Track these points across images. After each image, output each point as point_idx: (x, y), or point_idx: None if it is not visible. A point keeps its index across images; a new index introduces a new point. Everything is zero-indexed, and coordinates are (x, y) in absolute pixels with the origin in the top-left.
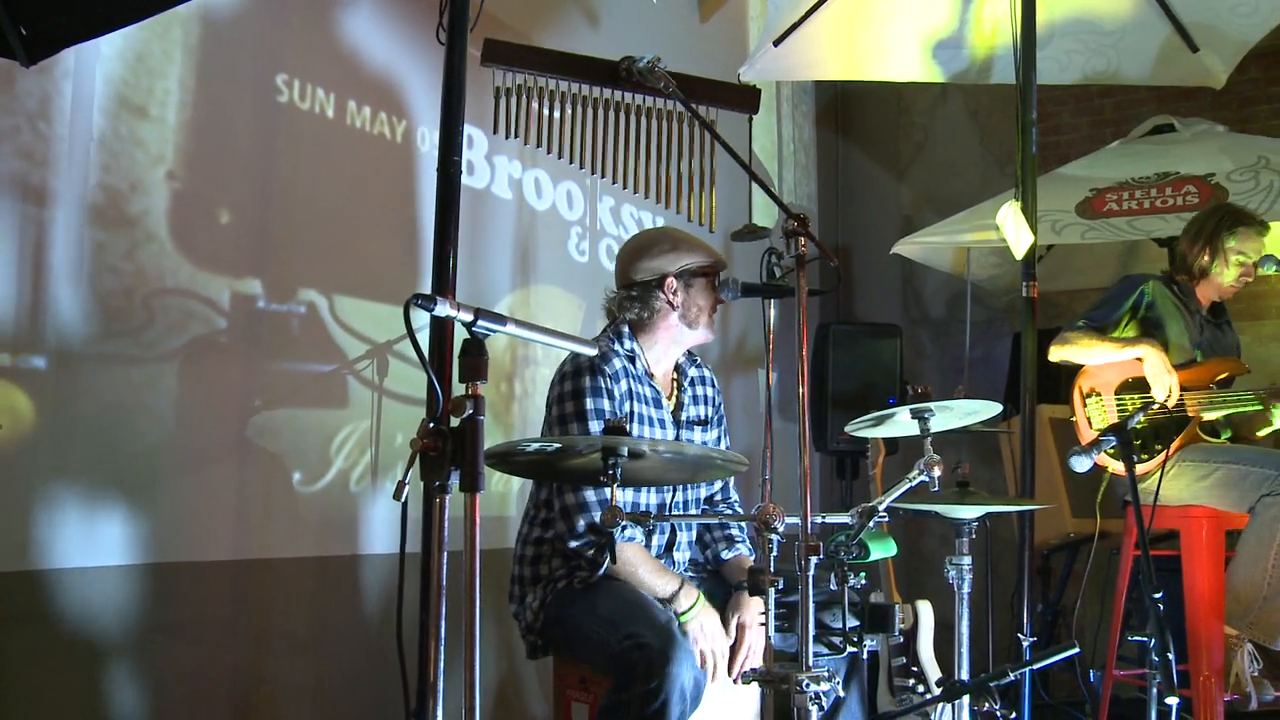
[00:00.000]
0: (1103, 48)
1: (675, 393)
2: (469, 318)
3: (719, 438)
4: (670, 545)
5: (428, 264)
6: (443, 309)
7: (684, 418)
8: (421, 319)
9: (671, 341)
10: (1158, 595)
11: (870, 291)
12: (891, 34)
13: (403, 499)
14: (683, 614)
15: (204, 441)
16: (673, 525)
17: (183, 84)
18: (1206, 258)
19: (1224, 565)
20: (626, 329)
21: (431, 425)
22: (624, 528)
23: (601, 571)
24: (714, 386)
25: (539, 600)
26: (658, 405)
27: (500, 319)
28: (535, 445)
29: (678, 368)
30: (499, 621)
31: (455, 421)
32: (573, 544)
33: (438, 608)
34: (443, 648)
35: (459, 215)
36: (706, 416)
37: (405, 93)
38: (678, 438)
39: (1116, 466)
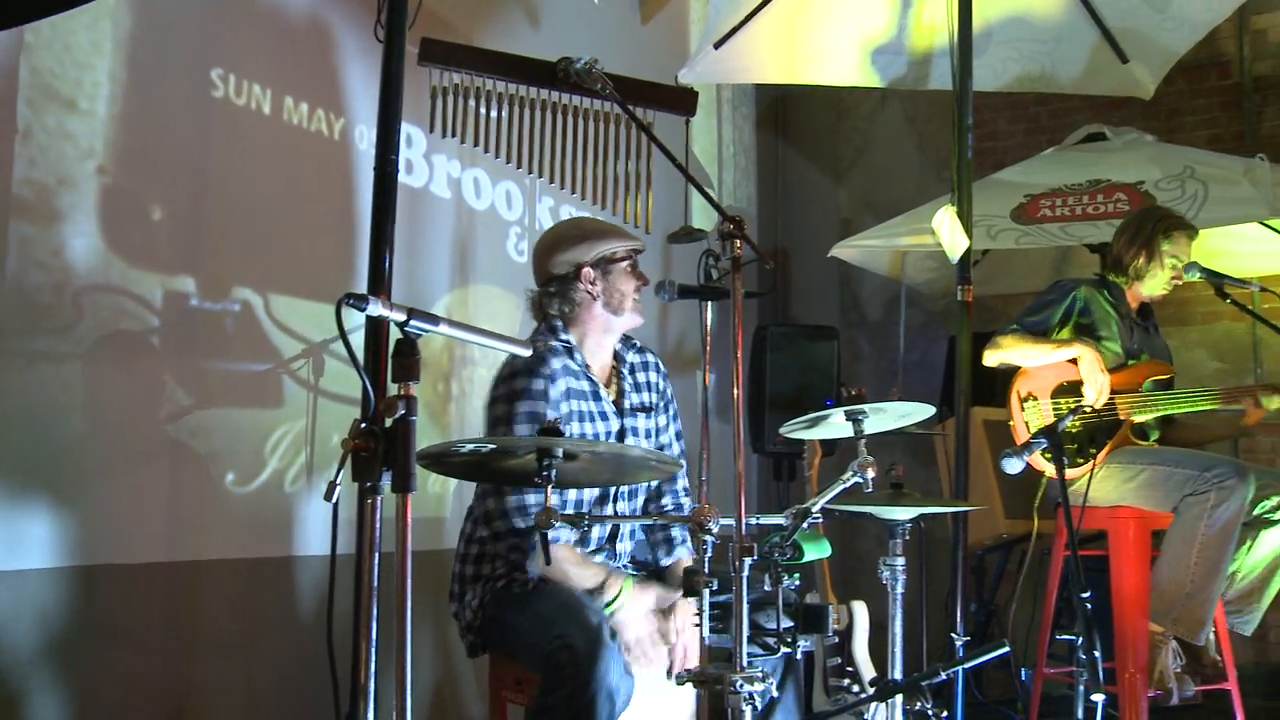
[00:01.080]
0: (1037, 56)
1: (615, 381)
2: (402, 317)
3: (668, 424)
4: (613, 536)
5: (364, 263)
6: (375, 309)
7: (627, 406)
8: (357, 319)
9: (602, 331)
10: (1085, 595)
11: (808, 294)
12: (831, 38)
13: (334, 500)
14: (609, 605)
15: (134, 441)
16: (616, 527)
17: (113, 76)
18: (1142, 259)
19: (1150, 565)
20: (560, 324)
21: (363, 425)
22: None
23: (534, 574)
24: (659, 371)
25: (478, 599)
26: (596, 398)
27: (433, 319)
28: (470, 446)
29: (616, 356)
30: (436, 622)
31: (389, 422)
32: (501, 545)
33: (369, 609)
34: (374, 650)
35: (395, 214)
36: (652, 403)
37: (343, 90)
38: (622, 428)
39: (1050, 469)
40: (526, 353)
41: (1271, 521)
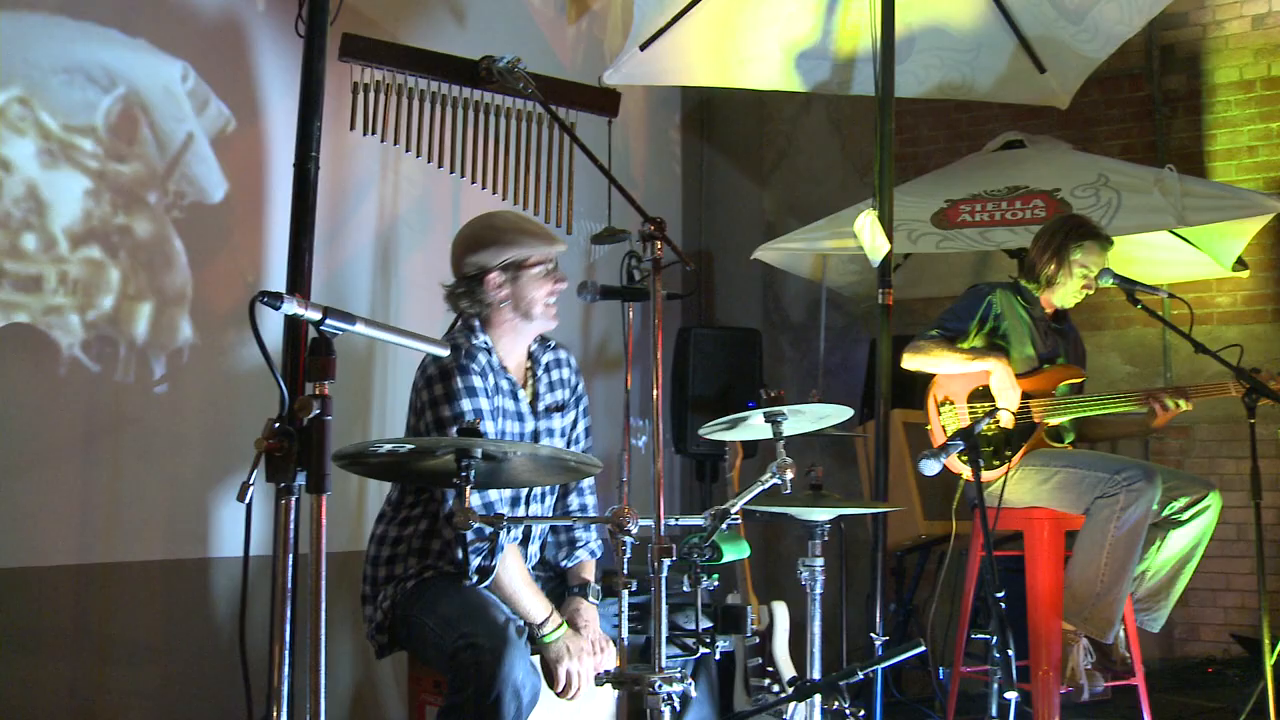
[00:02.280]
0: (958, 64)
1: (530, 382)
2: (317, 316)
3: (576, 421)
4: (525, 539)
5: (283, 260)
6: (290, 307)
7: (541, 407)
8: (278, 317)
9: (514, 333)
10: (1000, 594)
11: (732, 296)
12: (757, 42)
13: (246, 500)
14: (549, 634)
15: (44, 441)
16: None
17: None
18: (1053, 267)
19: (1064, 565)
20: (476, 322)
21: (277, 425)
22: (506, 531)
23: (488, 581)
24: (571, 367)
25: (389, 600)
26: (514, 397)
27: (349, 318)
28: (388, 446)
29: (531, 355)
30: (356, 624)
31: (305, 421)
32: (459, 555)
33: (282, 611)
34: (288, 653)
35: (314, 212)
36: (563, 401)
37: (262, 85)
38: (536, 429)
39: (967, 471)
40: (444, 353)
41: (1179, 522)
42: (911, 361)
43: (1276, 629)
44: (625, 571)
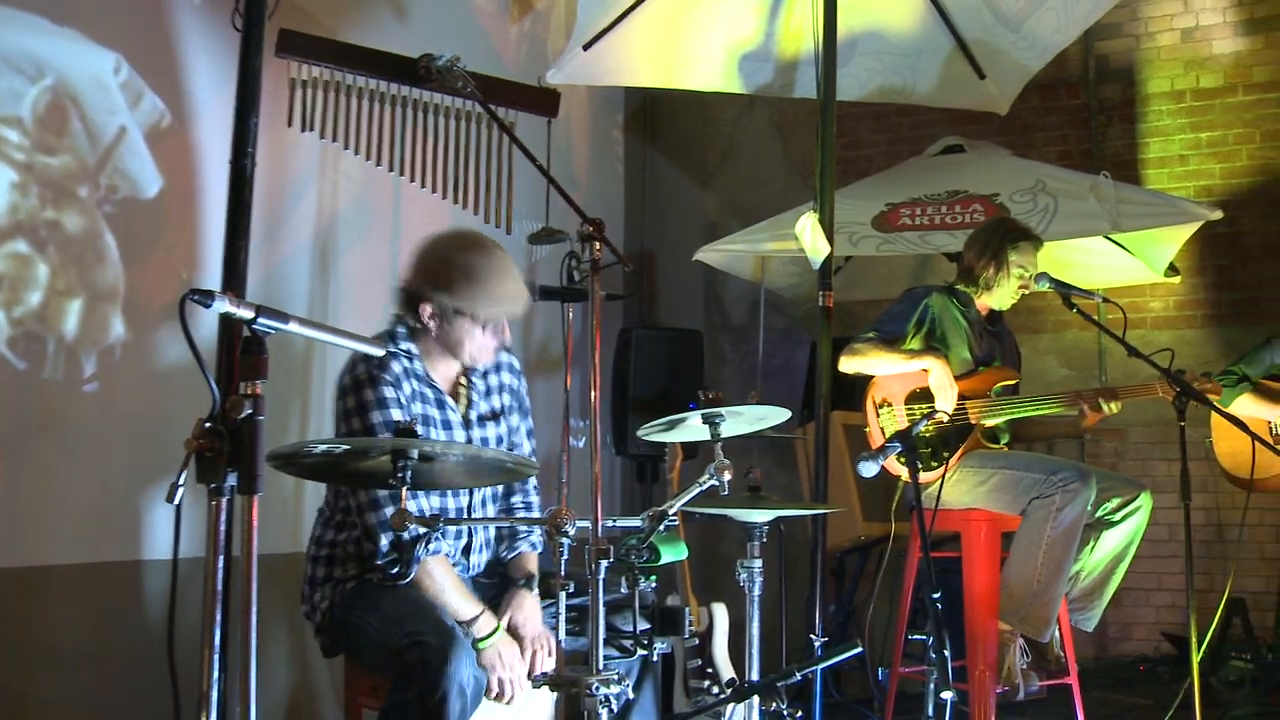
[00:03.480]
0: (899, 69)
1: (465, 391)
2: (249, 315)
3: (519, 424)
4: (467, 549)
5: (218, 257)
6: (221, 305)
7: (474, 416)
8: (214, 315)
9: (441, 354)
10: (936, 595)
11: (673, 297)
12: (700, 43)
13: (175, 501)
14: (480, 640)
15: None
16: (469, 528)
17: None
18: (992, 269)
19: (1000, 565)
20: (403, 328)
21: (208, 425)
22: (432, 539)
23: (406, 582)
24: (513, 371)
25: (328, 601)
26: (442, 407)
27: (283, 316)
28: (323, 447)
29: (464, 369)
30: (294, 626)
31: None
32: (379, 560)
33: (212, 614)
34: (218, 657)
35: (250, 210)
36: (502, 406)
37: (198, 79)
38: (469, 439)
39: (905, 473)
40: (380, 352)
41: (1112, 523)
42: (848, 364)
43: (1204, 626)
44: (563, 573)
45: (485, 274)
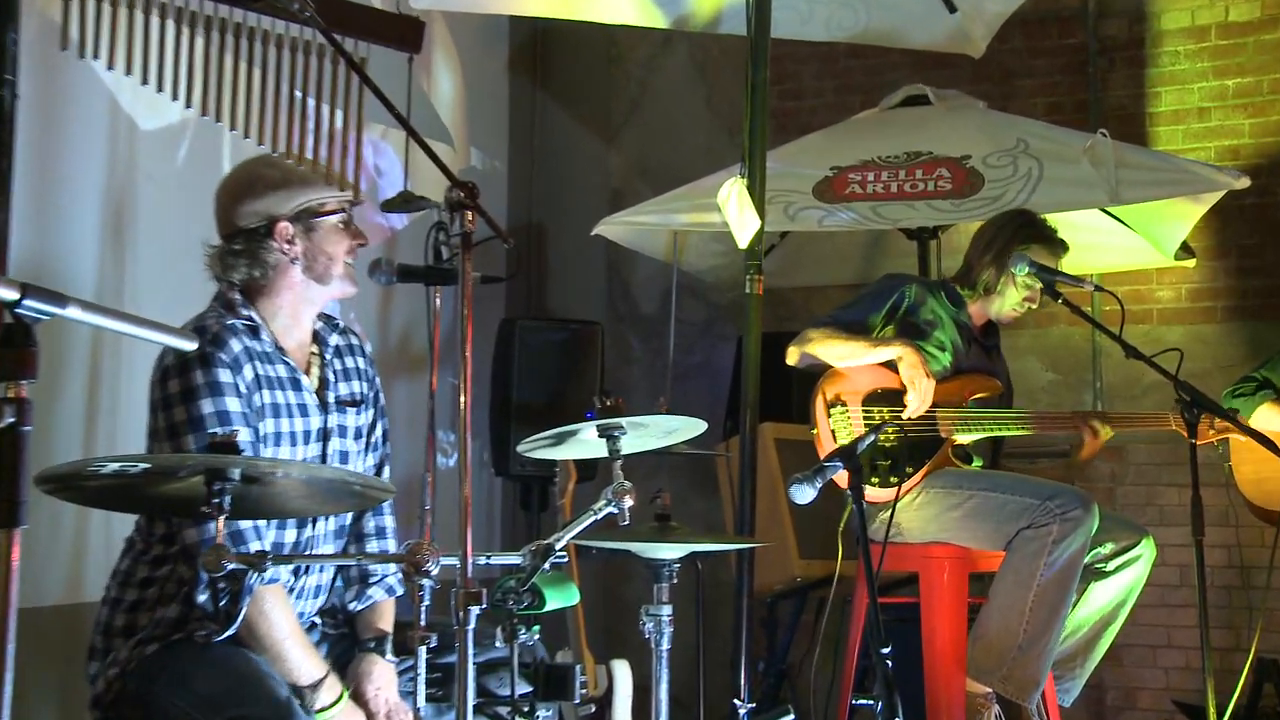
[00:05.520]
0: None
1: (318, 367)
2: (13, 295)
3: (375, 421)
4: (297, 591)
5: None
6: None
7: (332, 398)
8: None
9: (301, 302)
10: (886, 650)
11: (568, 280)
12: None
13: None
14: (319, 712)
15: None
16: (303, 567)
17: None
18: (992, 272)
19: (967, 612)
20: (239, 295)
21: None
22: (259, 572)
23: (234, 628)
24: (365, 356)
25: (118, 668)
26: (296, 387)
27: (59, 299)
28: (114, 466)
29: (316, 336)
30: (76, 691)
31: None
32: (200, 597)
33: None
34: None
35: (13, 156)
36: (361, 394)
37: None
38: (326, 425)
39: (870, 494)
40: (192, 346)
41: (1104, 573)
42: (798, 353)
43: (1224, 694)
44: (424, 623)
45: (300, 168)
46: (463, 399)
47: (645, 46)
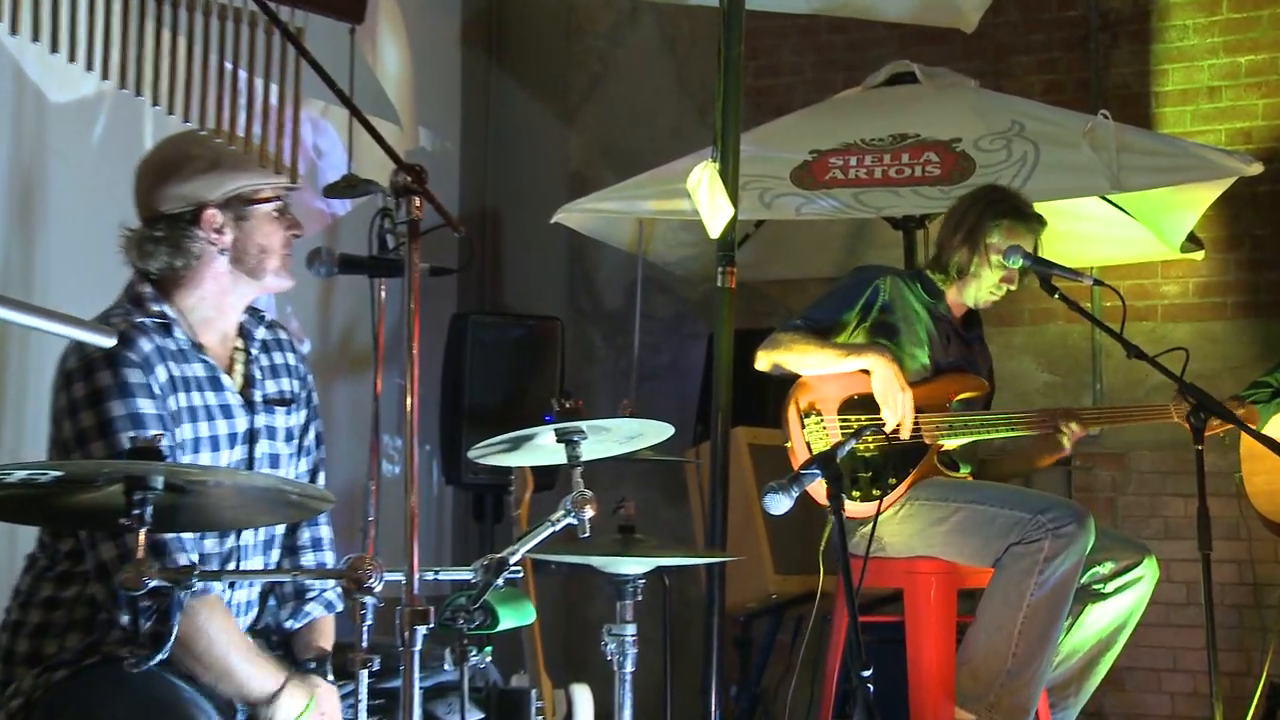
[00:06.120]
0: None
1: (242, 364)
2: None
3: (308, 422)
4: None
5: None
6: None
7: (258, 397)
8: None
9: (226, 296)
10: (867, 673)
11: (525, 273)
12: None
13: None
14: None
15: None
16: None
17: None
18: (964, 253)
19: (955, 633)
20: (150, 288)
21: None
22: (184, 589)
23: (165, 651)
24: (295, 352)
25: (23, 698)
26: (217, 387)
27: None
28: (20, 474)
29: (241, 330)
30: None
31: None
32: (122, 619)
33: None
34: None
35: None
36: (292, 392)
37: None
38: (252, 426)
39: (851, 508)
40: (110, 342)
41: (1102, 595)
42: (767, 359)
43: None
44: (365, 644)
45: (238, 151)
46: (409, 401)
47: (609, 17)
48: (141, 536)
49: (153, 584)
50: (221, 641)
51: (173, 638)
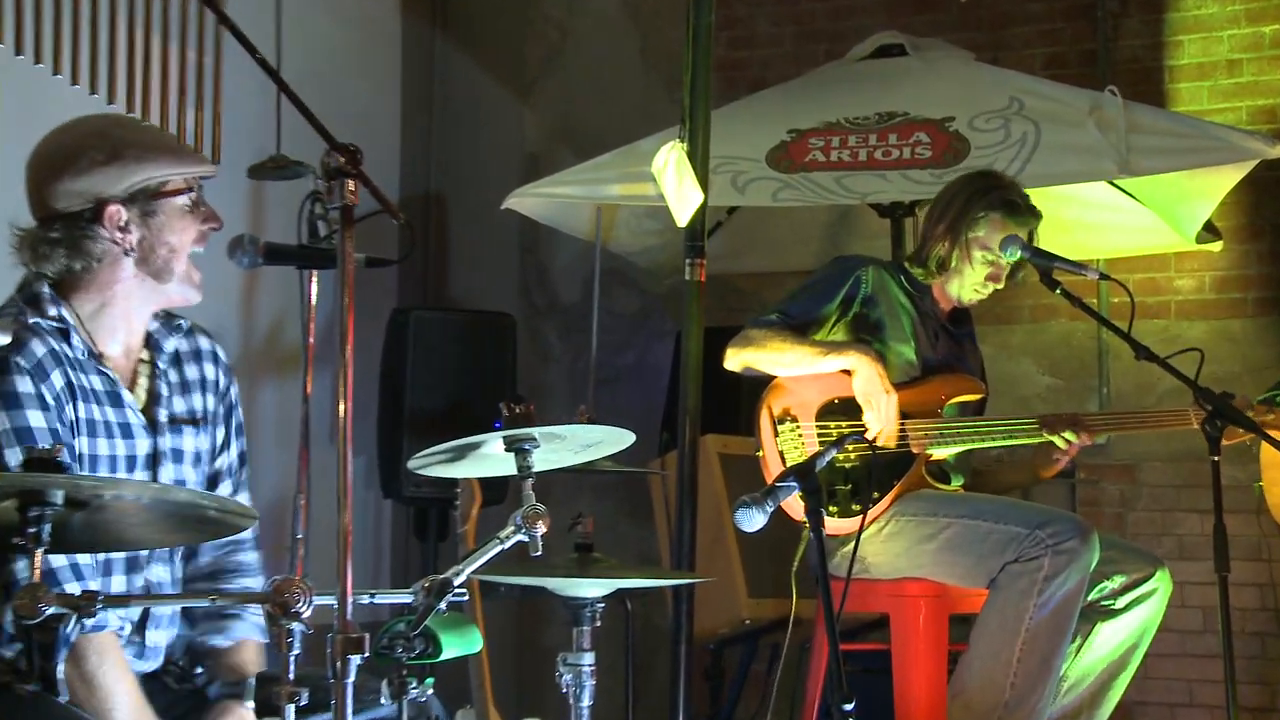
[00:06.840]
0: None
1: (146, 378)
2: None
3: (229, 441)
4: (142, 624)
5: None
6: None
7: (163, 416)
8: None
9: (132, 301)
10: (849, 706)
11: (474, 264)
12: None
13: None
14: None
15: None
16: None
17: None
18: (946, 245)
19: (946, 662)
20: (48, 289)
21: None
22: (85, 618)
23: (58, 689)
24: (217, 362)
25: None
26: (116, 403)
27: None
28: None
29: (149, 339)
30: None
31: None
32: (6, 652)
33: None
34: None
35: None
36: (204, 411)
37: None
38: (156, 449)
39: (831, 525)
40: (5, 340)
41: (1113, 611)
42: (738, 358)
43: None
44: (292, 676)
45: (139, 131)
46: (342, 406)
47: None
48: (38, 558)
49: (50, 610)
50: (106, 694)
51: (59, 678)
